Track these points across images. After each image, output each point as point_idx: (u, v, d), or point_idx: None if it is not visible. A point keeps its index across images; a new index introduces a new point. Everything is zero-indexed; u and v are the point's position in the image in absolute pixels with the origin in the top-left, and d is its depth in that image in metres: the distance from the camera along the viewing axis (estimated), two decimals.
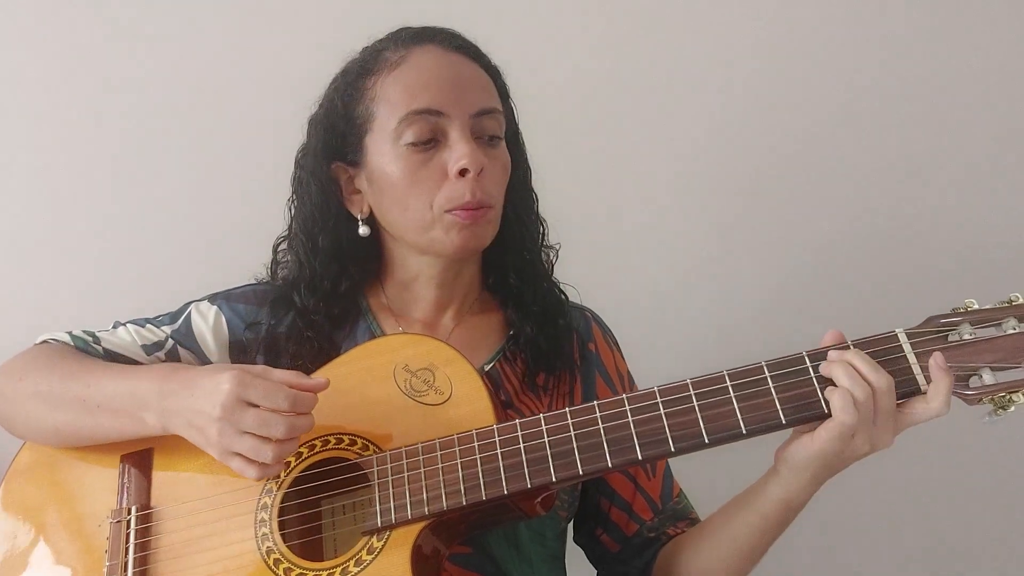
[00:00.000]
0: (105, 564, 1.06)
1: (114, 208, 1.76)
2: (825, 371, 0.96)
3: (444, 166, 1.12)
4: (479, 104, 1.14)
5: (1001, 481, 1.76)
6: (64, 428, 1.12)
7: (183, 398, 1.02)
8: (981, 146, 1.76)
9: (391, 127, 1.13)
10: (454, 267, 1.22)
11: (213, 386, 1.00)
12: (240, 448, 0.98)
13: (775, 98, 1.78)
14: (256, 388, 0.98)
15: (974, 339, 0.96)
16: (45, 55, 1.75)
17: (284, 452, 0.99)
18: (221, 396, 0.98)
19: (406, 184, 1.13)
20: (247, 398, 0.98)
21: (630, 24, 1.79)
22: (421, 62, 1.15)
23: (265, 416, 0.97)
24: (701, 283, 1.78)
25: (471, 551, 1.13)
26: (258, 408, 0.98)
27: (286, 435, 0.97)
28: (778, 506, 1.05)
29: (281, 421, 0.97)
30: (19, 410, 1.15)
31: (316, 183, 1.21)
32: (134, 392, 1.07)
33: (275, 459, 0.98)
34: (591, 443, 0.99)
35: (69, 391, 1.11)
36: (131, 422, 1.08)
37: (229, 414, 0.98)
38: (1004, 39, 1.77)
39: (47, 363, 1.15)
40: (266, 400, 0.98)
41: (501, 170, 1.17)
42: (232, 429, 0.98)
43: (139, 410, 1.07)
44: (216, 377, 1.00)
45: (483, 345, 1.24)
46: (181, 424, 1.04)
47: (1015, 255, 1.71)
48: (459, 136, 1.12)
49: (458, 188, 1.12)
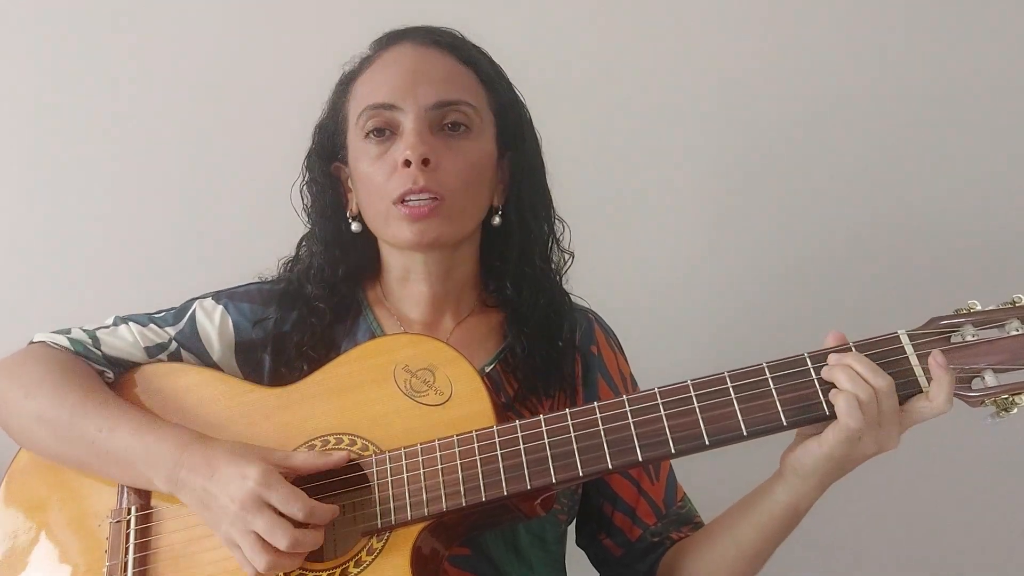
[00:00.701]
0: (105, 563, 1.06)
1: (116, 206, 1.76)
2: (827, 375, 0.96)
3: (396, 158, 1.14)
4: (436, 96, 1.15)
5: (1002, 482, 1.75)
6: (67, 460, 1.13)
7: (200, 477, 1.02)
8: (987, 146, 1.75)
9: (355, 123, 1.18)
10: (441, 263, 1.21)
11: (238, 477, 0.99)
12: (242, 544, 0.98)
13: (781, 97, 1.77)
14: (277, 493, 0.98)
15: (977, 340, 0.95)
16: (48, 55, 1.76)
17: (280, 565, 0.98)
18: (243, 492, 0.98)
19: (366, 177, 1.17)
20: (267, 499, 0.98)
21: (629, 24, 1.78)
22: (389, 60, 1.20)
23: (274, 525, 0.97)
24: (703, 283, 1.78)
25: (470, 552, 1.12)
26: (272, 511, 0.98)
27: (288, 549, 0.97)
28: (785, 510, 1.05)
29: (287, 535, 0.96)
30: (22, 427, 1.14)
31: (316, 183, 1.25)
32: (148, 452, 1.06)
33: (267, 568, 0.97)
34: (591, 444, 0.99)
35: (78, 429, 1.09)
36: (138, 478, 1.08)
37: (245, 511, 0.97)
38: (1009, 37, 1.76)
39: (55, 384, 1.12)
40: (283, 506, 0.98)
41: (464, 164, 1.16)
42: (243, 526, 0.98)
43: (149, 470, 1.06)
44: (242, 469, 1.00)
45: (483, 347, 1.23)
46: (191, 499, 1.03)
47: (1019, 256, 1.70)
48: (410, 128, 1.14)
49: (403, 177, 1.12)
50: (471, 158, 1.17)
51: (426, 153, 1.12)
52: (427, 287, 1.23)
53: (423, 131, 1.13)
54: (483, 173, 1.19)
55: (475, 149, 1.17)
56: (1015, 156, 1.74)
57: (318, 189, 1.25)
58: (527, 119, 1.26)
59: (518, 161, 1.23)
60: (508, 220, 1.23)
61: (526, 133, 1.25)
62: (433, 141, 1.14)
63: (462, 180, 1.15)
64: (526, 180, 1.24)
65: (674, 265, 1.79)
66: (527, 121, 1.26)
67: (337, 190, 1.25)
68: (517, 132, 1.24)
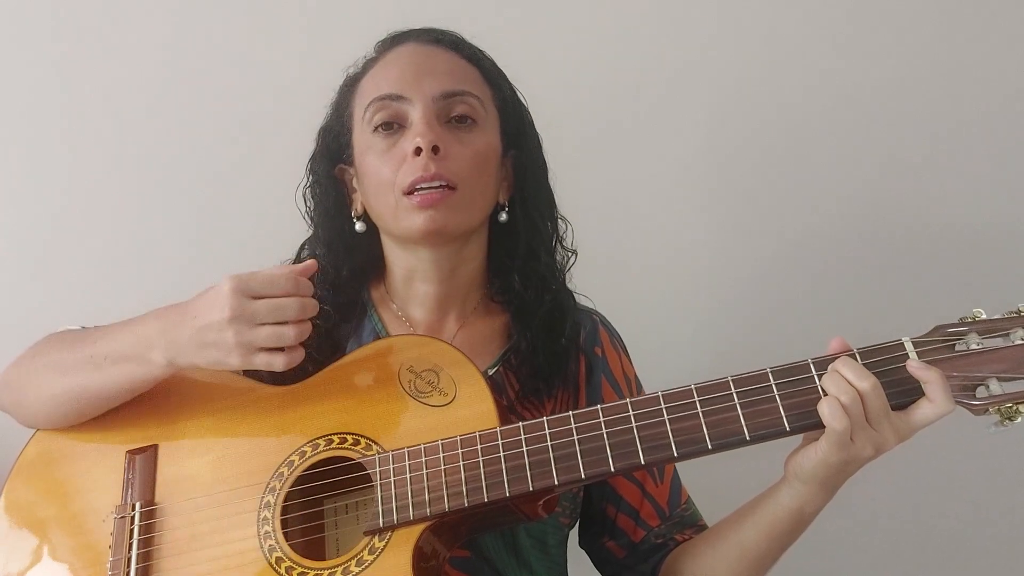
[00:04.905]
0: (108, 559, 1.06)
1: (123, 209, 1.77)
2: (822, 383, 0.96)
3: (405, 149, 1.14)
4: (443, 87, 1.16)
5: (1003, 489, 1.75)
6: (75, 390, 1.12)
7: (186, 324, 1.03)
8: (994, 149, 1.74)
9: (361, 117, 1.18)
10: (447, 261, 1.21)
11: (213, 296, 1.01)
12: (261, 340, 1.00)
13: (793, 100, 1.77)
14: (256, 281, 1.01)
15: (981, 349, 0.95)
16: (56, 57, 1.77)
17: (303, 332, 1.02)
18: (225, 298, 1.00)
19: (375, 169, 1.17)
20: (251, 292, 1.00)
21: (630, 24, 1.78)
22: (394, 57, 1.21)
23: (275, 302, 1.00)
24: (708, 288, 1.78)
25: (470, 555, 1.13)
26: (264, 298, 1.00)
27: (300, 314, 1.01)
28: (791, 515, 1.05)
29: (292, 302, 1.00)
30: (32, 384, 1.15)
31: (320, 185, 1.26)
32: (137, 335, 1.08)
33: (297, 339, 1.01)
34: (594, 447, 0.99)
35: (78, 352, 1.12)
36: (139, 366, 1.08)
37: (239, 312, 0.99)
38: (1014, 37, 1.76)
39: (60, 339, 1.17)
40: (269, 287, 1.01)
41: (472, 154, 1.16)
42: (247, 325, 1.00)
43: (145, 351, 1.07)
44: (211, 290, 1.02)
45: (486, 350, 1.23)
46: (192, 349, 1.04)
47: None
48: (419, 117, 1.14)
49: (413, 166, 1.13)
50: (479, 148, 1.17)
51: (436, 140, 1.12)
52: (432, 287, 1.23)
53: (432, 120, 1.14)
54: (490, 165, 1.20)
55: (482, 141, 1.18)
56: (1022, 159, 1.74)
57: (322, 191, 1.25)
58: (529, 119, 1.27)
59: (522, 159, 1.24)
60: (514, 217, 1.24)
61: (528, 132, 1.26)
62: (441, 131, 1.14)
63: (471, 169, 1.16)
64: (531, 177, 1.25)
65: (680, 269, 1.79)
66: (529, 121, 1.27)
67: (341, 192, 1.26)
68: (520, 130, 1.25)
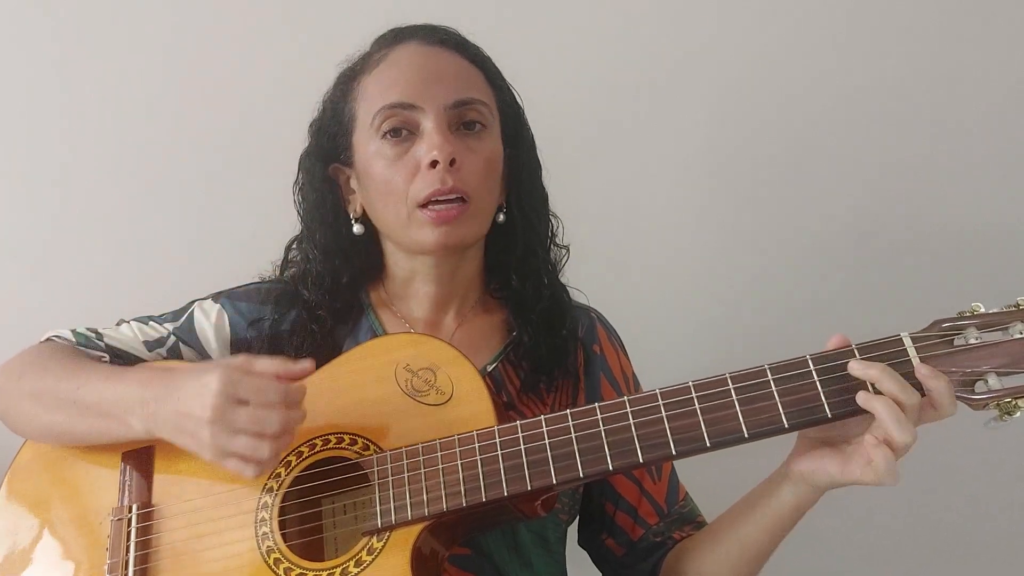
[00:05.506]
0: (106, 561, 1.06)
1: (119, 209, 1.76)
2: (864, 403, 0.92)
3: (418, 159, 1.12)
4: (455, 95, 1.14)
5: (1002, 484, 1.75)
6: (57, 428, 1.12)
7: (168, 403, 1.00)
8: (993, 148, 1.74)
9: (369, 123, 1.15)
10: (449, 263, 1.21)
11: (200, 387, 0.97)
12: (235, 448, 0.96)
13: (788, 97, 1.77)
14: (245, 385, 0.96)
15: (980, 343, 0.94)
16: (55, 55, 1.77)
17: (280, 447, 0.97)
18: (210, 397, 0.95)
19: (384, 179, 1.14)
20: (237, 396, 0.95)
21: (630, 24, 1.78)
22: (399, 58, 1.17)
23: (258, 413, 0.95)
24: (706, 284, 1.78)
25: (470, 553, 1.12)
26: (249, 405, 0.96)
27: (281, 430, 0.95)
28: (793, 512, 1.05)
29: (275, 416, 0.95)
30: (16, 409, 1.15)
31: (314, 184, 1.23)
32: (119, 398, 1.06)
33: (272, 455, 0.96)
34: (592, 445, 0.98)
35: (61, 392, 1.10)
36: (119, 426, 1.07)
37: (221, 415, 0.95)
38: (1014, 37, 1.75)
39: (44, 363, 1.15)
40: (257, 396, 0.95)
41: (483, 162, 1.15)
42: (226, 430, 0.95)
43: (125, 415, 1.05)
44: (202, 378, 0.97)
45: (485, 346, 1.23)
46: (168, 430, 1.01)
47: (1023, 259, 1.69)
48: (432, 128, 1.12)
49: (429, 178, 1.11)
50: (489, 156, 1.17)
51: (453, 153, 1.11)
52: (432, 287, 1.23)
53: (445, 131, 1.12)
54: (497, 170, 1.19)
55: (490, 147, 1.17)
56: (1022, 158, 1.73)
57: (316, 194, 1.23)
58: (524, 117, 1.26)
59: (519, 158, 1.24)
60: (512, 216, 1.24)
61: (523, 130, 1.26)
62: (454, 140, 1.13)
63: (483, 178, 1.15)
64: (526, 176, 1.25)
65: (680, 269, 1.78)
66: (524, 119, 1.26)
67: (336, 193, 1.24)
68: (517, 130, 1.24)
